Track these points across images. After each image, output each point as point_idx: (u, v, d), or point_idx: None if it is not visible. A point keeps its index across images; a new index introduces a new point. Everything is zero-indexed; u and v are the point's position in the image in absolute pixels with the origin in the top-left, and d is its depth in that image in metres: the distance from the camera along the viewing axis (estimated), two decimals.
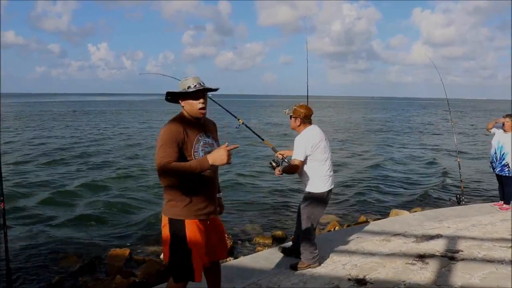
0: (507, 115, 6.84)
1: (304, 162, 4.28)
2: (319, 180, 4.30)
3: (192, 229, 2.80)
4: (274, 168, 4.43)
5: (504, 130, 6.87)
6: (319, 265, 4.45)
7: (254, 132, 5.19)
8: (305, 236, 4.34)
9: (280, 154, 4.60)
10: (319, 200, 4.33)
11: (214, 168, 2.81)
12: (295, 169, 4.31)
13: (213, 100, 4.71)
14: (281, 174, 4.36)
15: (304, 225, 4.33)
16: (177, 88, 2.85)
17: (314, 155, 4.26)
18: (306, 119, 4.34)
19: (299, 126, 4.36)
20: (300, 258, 4.54)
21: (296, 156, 4.27)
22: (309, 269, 4.37)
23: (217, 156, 2.62)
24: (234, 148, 2.69)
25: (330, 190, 4.37)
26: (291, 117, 4.42)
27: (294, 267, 4.39)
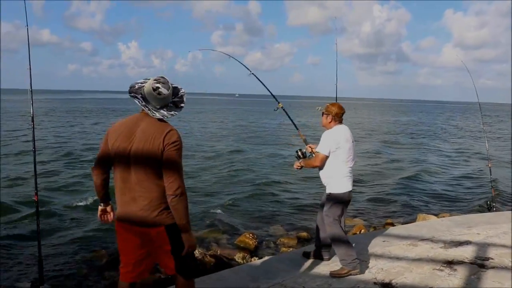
0: None
1: (327, 158, 4.29)
2: (339, 180, 4.29)
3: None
4: (298, 158, 4.48)
5: None
6: (361, 272, 4.29)
7: (290, 119, 5.24)
8: (336, 238, 4.30)
9: (310, 147, 4.62)
10: (341, 200, 4.32)
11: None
12: (315, 162, 4.33)
13: (258, 79, 4.80)
14: (300, 167, 4.43)
15: (332, 227, 4.30)
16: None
17: (338, 154, 4.25)
18: (337, 117, 4.35)
19: (330, 123, 4.37)
20: (325, 259, 4.53)
21: (320, 149, 4.30)
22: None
23: (193, 242, 2.76)
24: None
25: (350, 191, 4.36)
26: (323, 113, 4.43)
27: (335, 275, 4.25)
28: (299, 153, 4.55)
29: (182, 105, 2.82)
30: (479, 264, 4.63)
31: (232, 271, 4.60)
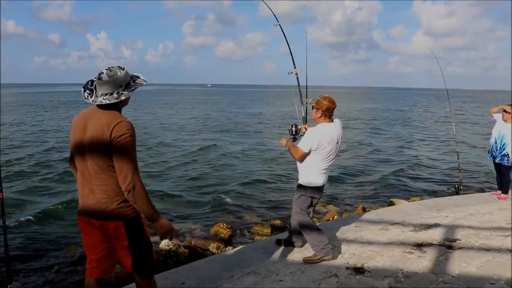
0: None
1: (307, 155, 4.25)
2: (314, 174, 4.27)
3: None
4: (290, 133, 4.46)
5: (504, 120, 6.85)
6: (334, 257, 4.34)
7: (299, 90, 5.10)
8: (304, 226, 4.34)
9: (305, 127, 4.56)
10: (309, 193, 4.33)
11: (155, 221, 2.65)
12: (296, 156, 4.29)
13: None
14: (286, 145, 4.37)
15: (299, 216, 4.35)
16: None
17: (318, 152, 4.20)
18: (328, 112, 4.21)
19: (319, 118, 4.25)
20: (297, 246, 4.58)
21: (301, 145, 4.24)
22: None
23: (165, 228, 2.66)
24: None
25: (321, 186, 4.35)
26: (313, 107, 4.31)
27: (308, 261, 4.28)
28: (293, 128, 4.48)
29: (124, 93, 2.61)
30: (447, 246, 4.76)
31: (205, 261, 4.58)
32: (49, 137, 19.66)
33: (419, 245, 4.78)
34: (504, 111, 6.84)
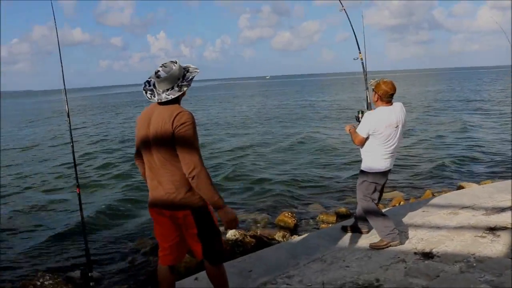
0: None
1: (366, 140, 4.25)
2: (375, 159, 4.24)
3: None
4: (357, 120, 4.48)
5: None
6: (401, 243, 4.29)
7: (365, 76, 5.06)
8: (369, 212, 4.31)
9: (353, 130, 4.58)
10: (372, 179, 4.29)
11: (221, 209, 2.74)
12: (355, 141, 4.31)
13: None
14: (349, 131, 4.40)
15: (363, 202, 4.33)
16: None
17: (376, 137, 4.18)
18: (385, 97, 4.17)
19: (376, 101, 4.25)
20: (364, 232, 4.58)
21: (359, 130, 4.26)
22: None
23: (230, 216, 2.72)
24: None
25: (386, 171, 4.31)
26: (373, 89, 4.30)
27: (374, 247, 4.28)
28: (359, 115, 4.50)
29: (185, 87, 2.75)
30: None
31: (271, 249, 4.70)
32: (116, 135, 20.76)
33: (492, 229, 4.60)
34: None
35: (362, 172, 4.36)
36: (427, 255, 4.05)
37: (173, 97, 2.71)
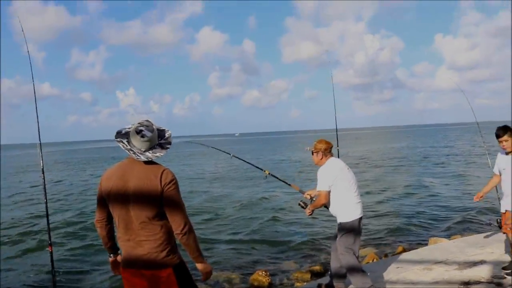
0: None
1: (330, 192, 4.38)
2: (347, 208, 4.36)
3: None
4: (304, 208, 4.63)
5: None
6: None
7: (280, 180, 5.53)
8: (350, 267, 4.31)
9: (308, 194, 4.82)
10: (352, 228, 4.35)
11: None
12: (322, 200, 4.43)
13: (239, 158, 5.17)
14: (312, 212, 4.58)
15: (346, 256, 4.32)
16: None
17: (339, 184, 4.36)
18: (327, 152, 4.53)
19: (321, 159, 4.54)
20: None
21: (320, 187, 4.43)
22: None
23: (208, 269, 2.89)
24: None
25: (360, 218, 4.40)
26: (312, 152, 4.61)
27: None
28: (302, 204, 4.73)
29: (168, 146, 2.82)
30: (496, 283, 4.61)
31: None
32: (86, 190, 20.15)
33: (466, 283, 4.66)
34: None
35: (340, 225, 4.39)
36: None
37: (160, 156, 2.72)
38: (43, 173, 3.90)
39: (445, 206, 12.99)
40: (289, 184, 5.33)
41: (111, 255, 2.99)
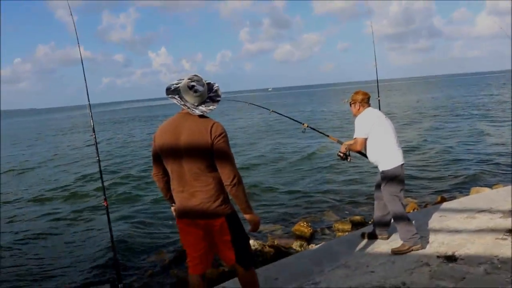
0: None
1: (366, 140, 4.42)
2: (388, 155, 4.36)
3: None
4: (342, 159, 4.64)
5: None
6: (423, 247, 4.35)
7: (318, 131, 5.53)
8: (396, 214, 4.36)
9: (345, 144, 4.79)
10: (395, 176, 4.37)
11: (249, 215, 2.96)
12: (357, 147, 4.48)
13: (278, 113, 5.18)
14: (344, 154, 4.59)
15: (392, 204, 4.37)
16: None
17: (377, 131, 4.38)
18: (364, 103, 4.54)
19: (359, 109, 4.55)
20: (383, 238, 4.64)
21: (356, 134, 4.45)
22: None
23: (257, 220, 2.99)
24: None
25: (402, 165, 4.39)
26: (350, 104, 4.63)
27: (396, 252, 4.33)
28: (341, 154, 4.66)
29: (219, 99, 2.93)
30: None
31: (295, 257, 4.75)
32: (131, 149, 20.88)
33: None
34: None
35: (383, 173, 4.41)
36: (450, 258, 4.09)
37: (213, 109, 2.84)
38: (93, 131, 4.08)
39: (489, 155, 12.68)
40: (328, 136, 5.34)
41: (173, 204, 3.13)
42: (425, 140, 16.85)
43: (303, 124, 5.49)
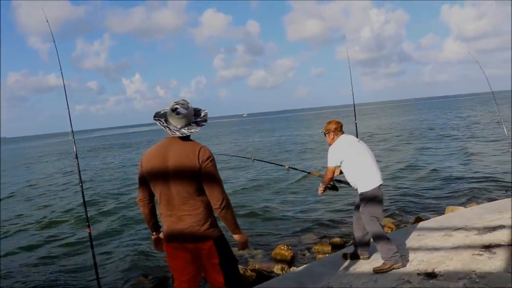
0: None
1: (345, 166, 4.54)
2: (366, 177, 4.46)
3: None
4: (329, 189, 4.89)
5: None
6: (403, 265, 4.42)
7: (299, 170, 5.86)
8: (376, 235, 4.44)
9: (314, 174, 4.91)
10: (373, 197, 4.45)
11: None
12: (327, 175, 4.61)
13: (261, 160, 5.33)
14: (323, 189, 4.78)
15: (370, 225, 4.45)
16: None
17: (350, 156, 4.50)
18: (338, 131, 4.67)
19: (333, 138, 4.68)
20: (364, 258, 4.70)
21: (328, 163, 4.58)
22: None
23: (245, 239, 3.04)
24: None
25: (380, 185, 4.49)
26: (325, 134, 4.76)
27: (378, 270, 4.38)
28: (322, 190, 4.84)
29: (204, 123, 2.97)
30: None
31: (278, 280, 4.76)
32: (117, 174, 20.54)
33: (487, 247, 4.76)
34: None
35: (362, 195, 4.50)
36: (431, 275, 4.16)
37: (195, 132, 2.87)
38: (76, 158, 4.05)
39: (461, 178, 12.95)
40: (309, 172, 5.54)
41: (154, 233, 3.14)
42: (405, 161, 17.15)
43: (285, 166, 5.80)
